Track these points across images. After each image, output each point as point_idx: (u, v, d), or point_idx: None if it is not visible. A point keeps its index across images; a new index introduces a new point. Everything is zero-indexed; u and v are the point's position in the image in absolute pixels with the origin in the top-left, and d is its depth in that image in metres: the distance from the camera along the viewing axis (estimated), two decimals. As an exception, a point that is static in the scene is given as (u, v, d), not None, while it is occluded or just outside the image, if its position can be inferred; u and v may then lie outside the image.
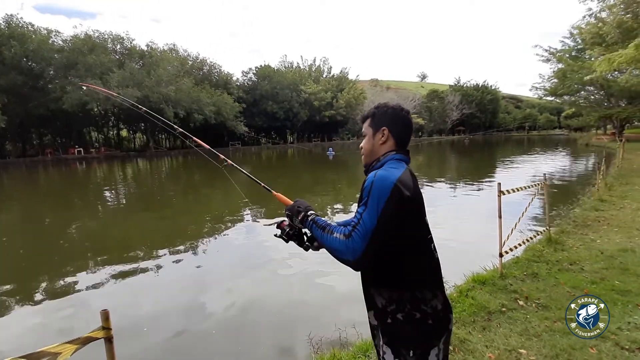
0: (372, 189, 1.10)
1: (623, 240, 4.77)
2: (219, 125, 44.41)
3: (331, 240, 1.12)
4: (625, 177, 10.02)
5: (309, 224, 1.23)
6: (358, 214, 1.10)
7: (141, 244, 7.00)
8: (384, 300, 1.18)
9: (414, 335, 1.14)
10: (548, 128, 75.24)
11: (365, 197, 1.10)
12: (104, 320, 1.38)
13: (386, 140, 1.26)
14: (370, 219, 1.07)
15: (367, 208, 1.09)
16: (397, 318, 1.15)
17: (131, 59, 39.97)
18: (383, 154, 1.26)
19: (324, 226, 1.18)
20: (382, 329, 1.20)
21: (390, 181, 1.10)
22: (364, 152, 1.32)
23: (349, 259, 1.08)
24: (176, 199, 13.00)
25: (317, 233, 1.20)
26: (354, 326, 3.01)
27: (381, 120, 1.28)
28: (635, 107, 29.35)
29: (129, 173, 23.94)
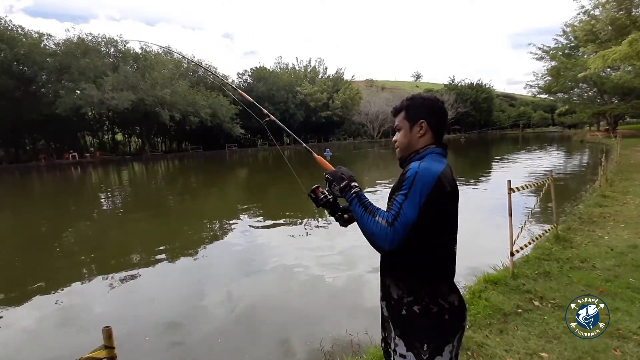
0: (415, 180, 1.07)
1: (631, 236, 4.71)
2: (215, 128, 44.18)
3: (371, 224, 1.07)
4: (624, 173, 10.03)
5: (351, 196, 1.16)
6: (397, 203, 1.07)
7: (139, 249, 6.86)
8: (400, 291, 1.16)
9: (429, 329, 1.12)
10: (542, 125, 75.79)
11: (407, 187, 1.07)
12: (106, 338, 1.27)
13: (424, 133, 1.22)
14: (412, 210, 1.04)
15: (407, 198, 1.06)
16: (413, 310, 1.13)
17: (125, 62, 39.64)
18: (423, 147, 1.22)
19: (366, 204, 1.12)
20: (395, 320, 1.18)
21: (434, 174, 1.08)
22: (400, 146, 1.28)
23: (384, 247, 1.05)
24: (173, 203, 12.83)
25: (357, 210, 1.13)
26: (366, 332, 2.90)
27: (418, 112, 1.24)
28: (628, 103, 29.66)
29: (125, 177, 23.65)
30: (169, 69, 41.02)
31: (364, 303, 4.10)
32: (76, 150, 39.54)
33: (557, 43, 34.09)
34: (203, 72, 47.30)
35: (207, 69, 31.22)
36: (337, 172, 1.24)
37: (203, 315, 4.03)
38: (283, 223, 8.17)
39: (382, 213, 1.08)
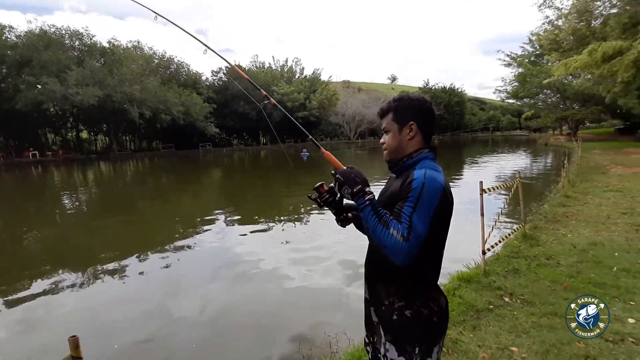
0: (422, 191, 1.05)
1: (591, 234, 4.99)
2: (188, 126, 42.92)
3: (385, 236, 1.03)
4: (584, 175, 10.66)
5: (364, 203, 1.09)
6: (406, 215, 1.03)
7: (105, 253, 6.48)
8: (391, 297, 1.15)
9: (420, 333, 1.13)
10: (510, 129, 79.33)
11: (414, 198, 1.04)
12: (73, 348, 1.17)
13: (414, 136, 1.20)
14: (423, 223, 1.03)
15: (416, 211, 1.03)
16: (405, 315, 1.13)
17: (91, 56, 37.72)
18: (415, 151, 1.19)
19: (381, 214, 1.07)
20: (386, 325, 1.16)
21: (440, 185, 1.07)
22: (389, 148, 1.23)
23: (397, 262, 1.02)
24: (143, 204, 12.33)
25: (370, 219, 1.07)
26: (344, 332, 2.89)
27: (406, 114, 1.20)
28: (587, 109, 31.64)
29: (91, 177, 22.52)
30: (138, 65, 39.38)
31: (341, 304, 4.10)
32: (37, 149, 37.26)
33: (523, 50, 35.91)
34: (175, 68, 46.02)
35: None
36: (350, 174, 1.16)
37: (175, 321, 3.87)
38: (260, 225, 8.04)
39: (396, 225, 1.03)
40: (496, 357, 2.41)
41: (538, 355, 2.40)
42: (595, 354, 2.36)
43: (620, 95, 20.33)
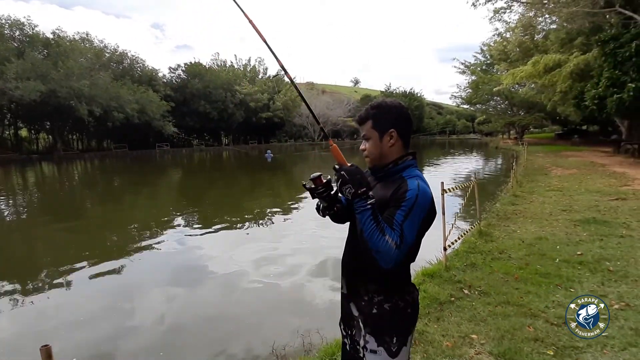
0: (416, 203, 1.10)
1: (537, 229, 5.47)
2: (143, 125, 40.60)
3: (381, 242, 1.05)
4: (530, 175, 11.63)
5: (365, 206, 1.08)
6: (398, 223, 1.08)
7: (50, 262, 5.94)
8: (371, 293, 1.21)
9: (398, 324, 1.20)
10: (465, 132, 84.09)
11: (407, 208, 1.09)
12: (46, 358, 1.09)
13: (395, 143, 1.23)
14: (411, 233, 1.08)
15: (407, 220, 1.08)
16: (384, 308, 1.18)
17: (33, 48, 34.47)
18: (400, 158, 1.23)
19: (379, 220, 1.08)
20: (365, 319, 1.21)
21: (429, 197, 1.13)
22: (371, 156, 1.26)
23: (385, 266, 1.06)
24: (93, 208, 11.50)
25: (368, 223, 1.07)
26: (317, 330, 2.92)
27: (386, 121, 1.22)
28: (532, 115, 34.52)
29: (31, 179, 20.59)
30: (87, 58, 36.55)
31: (310, 303, 4.14)
32: (-33, 147, 33.38)
33: (476, 60, 38.50)
34: (129, 63, 43.35)
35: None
36: (356, 174, 1.12)
37: (134, 331, 3.68)
38: (221, 227, 7.83)
39: (390, 232, 1.07)
40: (458, 344, 2.57)
41: (495, 340, 2.60)
42: (542, 337, 2.60)
43: (559, 103, 22.44)
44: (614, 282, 3.48)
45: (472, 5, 17.90)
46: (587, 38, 17.71)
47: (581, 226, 5.47)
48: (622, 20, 13.68)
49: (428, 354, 2.48)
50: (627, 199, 7.22)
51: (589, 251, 4.33)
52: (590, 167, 13.17)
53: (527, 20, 20.90)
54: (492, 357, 2.43)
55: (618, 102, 12.50)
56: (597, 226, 5.40)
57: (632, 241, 4.64)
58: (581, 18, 15.79)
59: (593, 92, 14.28)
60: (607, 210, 6.38)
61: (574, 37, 18.62)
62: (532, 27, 21.54)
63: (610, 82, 12.96)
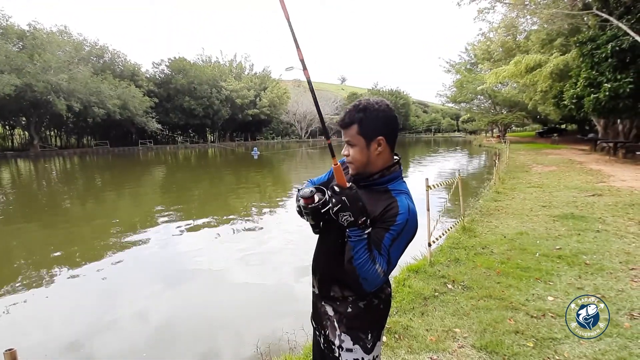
0: (406, 227, 1.07)
1: (518, 225, 5.61)
2: (126, 121, 39.52)
3: (370, 271, 1.02)
4: (512, 173, 11.91)
5: (361, 234, 1.01)
6: (386, 247, 1.05)
7: (28, 261, 5.74)
8: (346, 293, 1.20)
9: (372, 320, 1.20)
10: (450, 131, 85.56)
11: (396, 231, 1.06)
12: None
13: (383, 150, 1.13)
14: (396, 257, 1.08)
15: (395, 243, 1.06)
16: (359, 306, 1.18)
17: (7, 40, 33.00)
18: (387, 169, 1.15)
19: (372, 248, 1.04)
20: (340, 318, 1.20)
21: (416, 219, 1.11)
22: (356, 164, 1.15)
23: (366, 290, 1.07)
24: (73, 207, 11.14)
25: (361, 252, 1.01)
26: (302, 328, 2.91)
27: (375, 127, 1.11)
28: (513, 114, 35.34)
29: (6, 177, 19.77)
30: (66, 52, 35.26)
31: (295, 300, 4.11)
32: (-64, 143, 31.76)
33: (461, 59, 39.07)
34: (110, 57, 42.10)
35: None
36: (357, 201, 1.01)
37: (116, 332, 3.58)
38: (206, 225, 7.72)
39: (380, 260, 1.04)
40: (442, 338, 2.61)
41: (477, 333, 2.65)
42: (523, 329, 2.67)
43: (539, 102, 23.05)
44: (590, 275, 3.60)
45: (457, 4, 18.11)
46: (566, 39, 18.24)
47: (560, 221, 5.64)
48: (599, 22, 14.12)
49: (412, 349, 2.50)
50: (602, 195, 7.48)
51: (567, 245, 4.47)
52: (569, 164, 13.60)
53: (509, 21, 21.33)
54: (475, 350, 2.47)
55: (595, 101, 12.92)
56: (574, 221, 5.57)
57: (607, 235, 4.81)
58: (560, 19, 16.22)
59: (571, 91, 14.72)
60: (584, 206, 6.59)
61: (554, 38, 19.13)
62: (514, 27, 22.00)
63: (588, 82, 13.37)
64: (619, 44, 12.03)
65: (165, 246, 6.33)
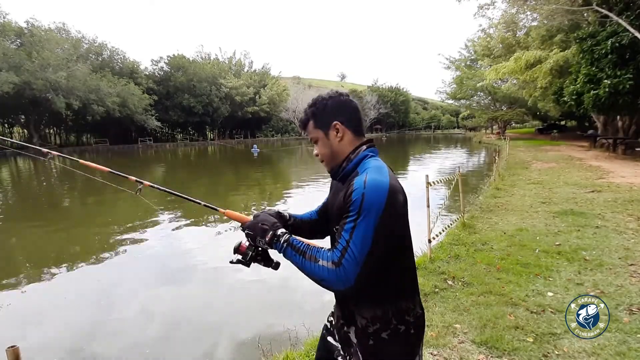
0: (363, 203, 0.92)
1: (518, 221, 5.62)
2: (125, 119, 39.52)
3: (316, 270, 0.95)
4: (512, 169, 11.93)
5: (281, 246, 1.02)
6: (346, 233, 0.93)
7: (30, 260, 5.75)
8: (365, 320, 1.04)
9: (400, 351, 1.04)
10: (449, 128, 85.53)
11: (355, 212, 0.93)
12: (13, 359, 1.05)
13: (343, 135, 1.09)
14: (364, 240, 0.92)
15: (357, 227, 0.92)
16: (382, 337, 1.02)
17: (5, 37, 32.89)
18: (353, 152, 1.09)
19: (304, 250, 0.98)
20: (362, 350, 1.05)
21: (383, 190, 0.94)
22: (324, 158, 1.13)
23: (340, 289, 0.94)
24: (73, 206, 11.15)
25: (295, 259, 1.00)
26: (303, 324, 2.93)
27: (326, 116, 1.10)
28: (513, 110, 35.31)
29: (6, 175, 19.78)
30: (64, 49, 35.14)
31: (295, 297, 4.13)
32: None
33: (461, 55, 38.98)
34: (108, 55, 41.98)
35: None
36: (256, 224, 1.07)
37: (119, 329, 3.60)
38: (207, 223, 7.74)
39: (325, 255, 0.96)
40: (442, 334, 2.63)
41: (477, 329, 2.67)
42: (523, 324, 2.69)
43: (539, 99, 23.03)
44: (589, 270, 3.62)
45: (457, 0, 18.06)
46: (566, 35, 18.19)
47: (559, 218, 5.65)
48: (599, 18, 14.08)
49: (413, 344, 2.52)
50: (602, 191, 7.50)
51: (567, 241, 4.48)
52: (568, 161, 13.61)
53: (509, 17, 21.27)
54: (475, 345, 2.49)
55: (594, 98, 12.91)
56: (574, 217, 5.59)
57: (606, 231, 4.82)
58: (560, 15, 16.16)
59: (571, 88, 14.70)
60: (583, 202, 6.61)
61: (554, 34, 19.08)
62: (514, 23, 21.95)
63: (588, 78, 13.35)
64: (619, 40, 12.01)
65: (166, 243, 6.35)
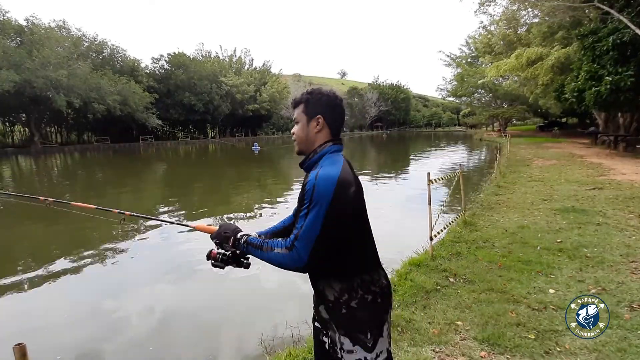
0: (314, 193, 1.06)
1: (519, 218, 5.63)
2: (126, 117, 39.46)
3: (275, 257, 1.12)
4: (513, 167, 11.91)
5: (243, 247, 1.21)
6: (300, 220, 1.09)
7: (31, 257, 5.75)
8: (335, 293, 1.17)
9: (369, 319, 1.17)
10: (450, 125, 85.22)
11: (307, 202, 1.08)
12: (20, 357, 1.06)
13: (321, 129, 1.23)
14: (314, 225, 1.06)
15: (309, 213, 1.07)
16: (352, 306, 1.16)
17: (5, 35, 32.85)
18: (320, 145, 1.22)
19: (260, 245, 1.16)
20: (337, 321, 1.18)
21: (332, 182, 1.07)
22: (298, 139, 1.27)
23: (299, 268, 1.10)
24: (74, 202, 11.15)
25: (256, 253, 1.18)
26: (305, 321, 2.94)
27: (316, 107, 1.23)
28: (514, 108, 35.24)
29: (7, 173, 19.82)
30: (65, 47, 35.09)
31: (296, 294, 4.15)
32: (-64, 140, 31.76)
33: (462, 52, 38.84)
34: (109, 53, 41.94)
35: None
36: (220, 233, 1.26)
37: (122, 327, 3.63)
38: (208, 221, 7.76)
39: (277, 243, 1.12)
40: (444, 331, 2.64)
41: (479, 326, 2.68)
42: (524, 321, 2.70)
43: (540, 96, 22.95)
44: (591, 267, 3.63)
45: (458, -3, 17.97)
46: (568, 32, 18.10)
47: (561, 215, 5.66)
48: (600, 15, 14.02)
49: (415, 341, 2.53)
50: (603, 189, 7.49)
51: (568, 239, 4.49)
52: (570, 158, 13.59)
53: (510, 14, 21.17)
54: (477, 342, 2.50)
55: (596, 95, 12.87)
56: (575, 215, 5.59)
57: (607, 228, 4.83)
58: (562, 12, 16.09)
59: (573, 85, 14.65)
60: (585, 200, 6.61)
61: (555, 31, 18.99)
62: (515, 20, 21.84)
63: (589, 75, 13.30)
64: (620, 37, 11.96)
65: (168, 241, 6.38)
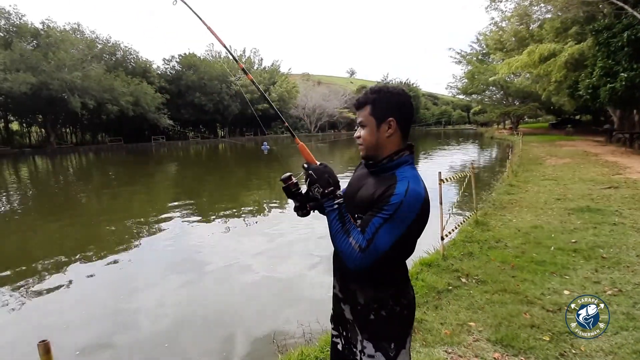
0: (400, 208, 1.01)
1: (533, 218, 5.55)
2: (138, 118, 40.09)
3: (344, 244, 1.05)
4: (525, 165, 11.72)
5: (332, 206, 1.09)
6: (373, 226, 1.02)
7: (47, 256, 5.85)
8: (367, 298, 1.15)
9: (395, 328, 1.16)
10: (460, 123, 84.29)
11: (388, 213, 1.02)
12: (44, 354, 1.10)
13: (393, 133, 1.13)
14: (389, 239, 1.01)
15: (384, 225, 1.01)
16: (381, 314, 1.14)
17: (22, 38, 33.65)
18: (396, 153, 1.14)
19: (345, 220, 1.07)
20: (362, 325, 1.17)
21: (420, 202, 1.03)
22: (365, 144, 1.17)
23: (349, 267, 1.05)
24: (88, 202, 11.42)
25: (334, 223, 1.08)
26: (317, 321, 2.97)
27: (386, 108, 1.12)
28: (526, 105, 34.63)
29: (25, 173, 20.34)
30: (79, 49, 35.81)
31: (308, 293, 4.18)
32: (-44, 142, 32.77)
33: (472, 49, 38.33)
34: (122, 54, 42.66)
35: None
36: (323, 173, 1.12)
37: (137, 324, 3.71)
38: (218, 220, 7.84)
39: (356, 235, 1.04)
40: (457, 332, 2.63)
41: (492, 327, 2.66)
42: (539, 323, 2.67)
43: (553, 93, 22.49)
44: (607, 268, 3.56)
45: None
46: (582, 27, 17.69)
47: (575, 214, 5.55)
48: (614, 10, 13.66)
49: (427, 342, 2.53)
50: (619, 188, 7.32)
51: (583, 239, 4.41)
52: (584, 156, 13.29)
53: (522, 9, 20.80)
54: (490, 343, 2.49)
55: (611, 91, 12.56)
56: (590, 214, 5.48)
57: (624, 228, 4.73)
58: (575, 7, 15.74)
59: (587, 81, 14.33)
60: (600, 199, 6.47)
61: (569, 27, 18.57)
62: (527, 16, 21.44)
63: (604, 71, 12.99)
64: (635, 32, 11.65)
65: (180, 240, 6.47)
